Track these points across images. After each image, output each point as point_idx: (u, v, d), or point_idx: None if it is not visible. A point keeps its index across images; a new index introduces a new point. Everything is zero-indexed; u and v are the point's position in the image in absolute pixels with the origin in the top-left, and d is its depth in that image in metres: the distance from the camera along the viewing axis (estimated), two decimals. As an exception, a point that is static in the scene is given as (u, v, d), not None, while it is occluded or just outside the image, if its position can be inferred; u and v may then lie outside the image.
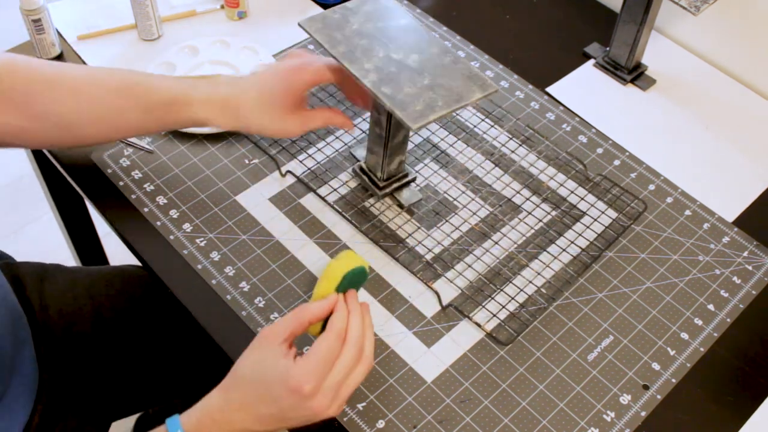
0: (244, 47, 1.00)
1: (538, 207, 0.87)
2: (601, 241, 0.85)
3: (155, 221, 0.83)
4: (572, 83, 1.02)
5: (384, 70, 0.73)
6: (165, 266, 0.80)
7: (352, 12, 0.79)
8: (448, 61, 0.75)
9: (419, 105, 0.71)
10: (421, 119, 0.70)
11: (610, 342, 0.77)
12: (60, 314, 0.88)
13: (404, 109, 0.70)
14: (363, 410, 0.71)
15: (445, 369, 0.75)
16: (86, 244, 1.34)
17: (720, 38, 1.04)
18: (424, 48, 0.76)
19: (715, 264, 0.84)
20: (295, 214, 0.85)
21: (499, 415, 0.72)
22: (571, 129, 0.96)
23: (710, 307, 0.80)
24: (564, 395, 0.73)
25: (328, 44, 0.76)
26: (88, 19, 1.05)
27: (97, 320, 0.89)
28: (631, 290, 0.81)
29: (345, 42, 0.76)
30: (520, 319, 0.78)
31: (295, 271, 0.81)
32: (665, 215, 0.88)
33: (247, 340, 0.75)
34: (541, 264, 0.83)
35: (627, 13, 0.96)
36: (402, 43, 0.76)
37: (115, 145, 0.90)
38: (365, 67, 0.74)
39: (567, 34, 1.09)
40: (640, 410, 0.73)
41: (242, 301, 0.78)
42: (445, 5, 1.11)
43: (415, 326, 0.77)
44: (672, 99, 1.01)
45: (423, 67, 0.74)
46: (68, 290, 0.90)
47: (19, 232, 1.77)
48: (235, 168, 0.89)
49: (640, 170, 0.92)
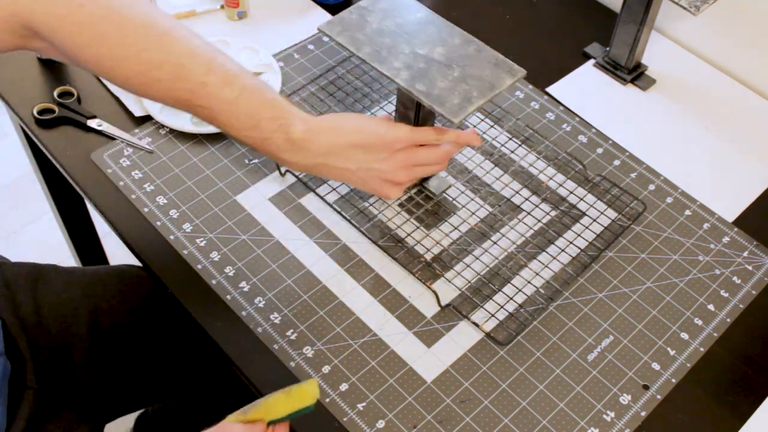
0: (244, 47, 1.00)
1: (538, 207, 0.87)
2: (600, 241, 0.85)
3: (155, 221, 0.83)
4: (572, 83, 1.02)
5: (414, 67, 0.74)
6: (165, 266, 0.80)
7: (368, 11, 0.79)
8: (472, 50, 0.75)
9: (456, 98, 0.72)
10: (461, 112, 0.71)
11: (610, 342, 0.77)
12: (55, 315, 0.87)
13: (442, 104, 0.71)
14: (363, 410, 0.71)
15: (445, 369, 0.75)
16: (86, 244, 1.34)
17: (720, 38, 1.04)
18: (447, 39, 0.76)
19: (715, 264, 0.84)
20: (295, 214, 0.85)
21: (499, 415, 0.72)
22: (571, 129, 0.96)
23: (710, 307, 0.80)
24: (564, 395, 0.73)
25: (354, 47, 0.75)
26: (88, 19, 1.05)
27: (94, 321, 0.89)
28: (631, 290, 0.81)
29: (369, 42, 0.76)
30: (519, 319, 0.78)
31: (295, 271, 0.81)
32: (665, 215, 0.88)
33: (247, 340, 0.75)
34: (541, 264, 0.83)
35: (627, 13, 0.96)
36: (424, 37, 0.76)
37: (115, 145, 0.90)
38: (395, 66, 0.74)
39: (567, 34, 1.09)
40: (640, 410, 0.73)
41: (242, 301, 0.78)
42: (445, 5, 1.11)
43: (414, 326, 0.77)
44: (672, 99, 1.01)
45: (450, 59, 0.75)
46: (63, 291, 0.89)
47: (19, 232, 1.77)
48: (235, 168, 0.89)
49: (640, 170, 0.92)
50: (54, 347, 0.86)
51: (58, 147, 0.90)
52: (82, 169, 0.88)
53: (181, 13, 1.06)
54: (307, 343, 0.75)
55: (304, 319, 0.77)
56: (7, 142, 1.93)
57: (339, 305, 0.78)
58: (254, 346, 0.75)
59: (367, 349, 0.75)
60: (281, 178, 0.89)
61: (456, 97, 0.72)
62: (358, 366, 0.74)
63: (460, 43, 0.76)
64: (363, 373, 0.74)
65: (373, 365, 0.74)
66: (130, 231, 0.83)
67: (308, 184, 0.88)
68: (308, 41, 1.04)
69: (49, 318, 0.87)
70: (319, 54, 1.02)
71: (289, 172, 0.89)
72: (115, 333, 0.90)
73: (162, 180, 0.87)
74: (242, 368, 0.74)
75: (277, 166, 0.89)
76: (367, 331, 0.77)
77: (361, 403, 0.72)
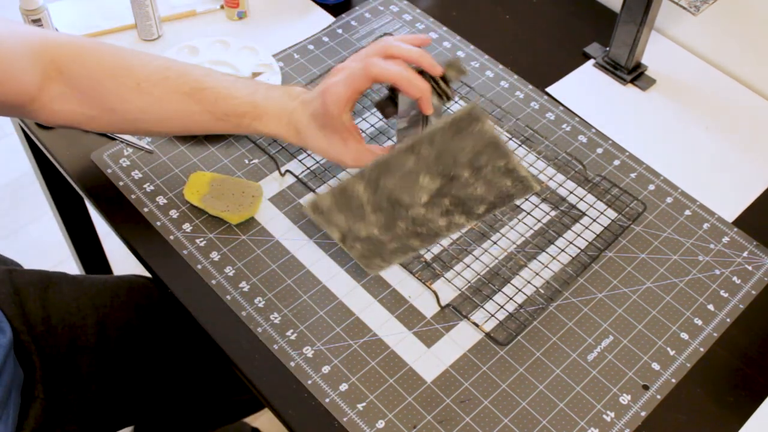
0: (244, 47, 1.00)
1: (537, 207, 0.87)
2: (600, 241, 0.85)
3: (155, 221, 0.83)
4: (572, 83, 1.02)
5: None
6: (165, 266, 0.80)
7: None
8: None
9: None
10: None
11: (610, 342, 0.77)
12: (63, 325, 0.86)
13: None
14: (363, 410, 0.71)
15: (445, 369, 0.75)
16: (86, 244, 1.34)
17: (720, 38, 1.04)
18: None
19: (715, 264, 0.84)
20: (295, 214, 0.85)
21: (499, 415, 0.72)
22: (570, 129, 0.96)
23: (710, 307, 0.80)
24: (564, 395, 0.73)
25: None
26: (88, 19, 1.05)
27: (101, 332, 0.88)
28: (631, 290, 0.81)
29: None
30: (519, 319, 0.78)
31: (295, 271, 0.81)
32: (665, 215, 0.88)
33: (247, 340, 0.75)
34: (540, 264, 0.83)
35: (627, 13, 0.96)
36: None
37: (115, 145, 0.90)
38: None
39: (567, 34, 1.09)
40: (640, 410, 0.73)
41: (242, 301, 0.78)
42: (445, 5, 1.11)
43: (414, 326, 0.77)
44: (672, 99, 1.01)
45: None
46: (72, 301, 0.88)
47: (19, 232, 1.77)
48: (235, 168, 0.89)
49: (639, 170, 0.92)
50: (61, 357, 0.86)
51: (58, 147, 0.90)
52: (82, 169, 0.88)
53: (181, 13, 1.06)
54: (307, 343, 0.75)
55: (304, 319, 0.77)
56: (7, 142, 1.93)
57: (339, 305, 0.78)
58: (254, 346, 0.75)
59: (367, 349, 0.75)
60: (281, 178, 0.89)
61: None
62: (358, 366, 0.74)
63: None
64: (363, 373, 0.74)
65: (373, 365, 0.74)
66: (130, 231, 0.83)
67: (308, 184, 0.88)
68: (308, 41, 1.04)
69: (58, 327, 0.86)
70: (319, 54, 1.02)
71: (288, 172, 0.89)
72: (123, 344, 0.90)
73: (162, 180, 0.87)
74: (242, 368, 0.74)
75: (276, 166, 0.89)
76: (367, 331, 0.77)
77: (361, 403, 0.72)
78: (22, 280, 0.87)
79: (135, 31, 1.03)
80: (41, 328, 0.85)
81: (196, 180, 0.85)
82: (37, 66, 0.72)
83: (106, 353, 0.88)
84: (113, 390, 0.90)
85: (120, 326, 0.90)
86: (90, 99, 0.75)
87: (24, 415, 0.80)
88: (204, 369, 0.98)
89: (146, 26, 1.01)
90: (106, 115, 0.76)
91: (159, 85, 0.75)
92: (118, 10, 1.06)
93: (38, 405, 0.81)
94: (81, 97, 0.74)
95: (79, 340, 0.87)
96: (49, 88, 0.73)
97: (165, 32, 1.04)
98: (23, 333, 0.83)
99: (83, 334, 0.87)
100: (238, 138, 0.92)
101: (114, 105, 0.75)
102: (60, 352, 0.86)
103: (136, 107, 0.75)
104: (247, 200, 0.84)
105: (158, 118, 0.77)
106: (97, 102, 0.75)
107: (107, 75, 0.74)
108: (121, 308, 0.91)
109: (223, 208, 0.83)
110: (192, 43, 1.00)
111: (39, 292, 0.87)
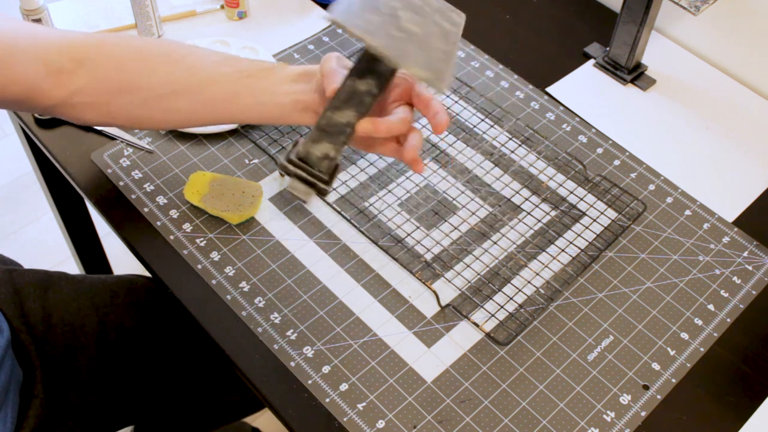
0: (244, 47, 1.00)
1: (538, 207, 0.87)
2: (600, 241, 0.85)
3: (155, 221, 0.84)
4: (572, 83, 1.02)
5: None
6: (165, 266, 0.80)
7: None
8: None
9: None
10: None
11: (610, 342, 0.77)
12: (63, 325, 0.86)
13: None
14: (363, 410, 0.71)
15: (445, 369, 0.75)
16: (86, 244, 1.34)
17: (720, 38, 1.04)
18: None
19: (715, 264, 0.84)
20: (295, 214, 0.85)
21: (499, 415, 0.72)
22: (571, 129, 0.96)
23: (710, 307, 0.80)
24: (564, 395, 0.73)
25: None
26: (88, 19, 1.05)
27: (101, 332, 0.88)
28: (631, 290, 0.81)
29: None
30: (519, 319, 0.78)
31: (295, 271, 0.81)
32: (665, 215, 0.88)
33: (247, 340, 0.75)
34: (541, 264, 0.83)
35: (627, 13, 0.96)
36: None
37: (115, 145, 0.90)
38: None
39: (567, 34, 1.09)
40: (640, 410, 0.73)
41: (242, 301, 0.78)
42: (445, 5, 1.11)
43: (415, 326, 0.77)
44: (672, 99, 1.01)
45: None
46: (72, 300, 0.88)
47: (19, 232, 1.77)
48: (235, 168, 0.89)
49: (640, 170, 0.92)
50: (61, 357, 0.86)
51: (58, 147, 0.90)
52: (82, 169, 0.88)
53: (182, 13, 1.06)
54: (307, 343, 0.75)
55: (304, 319, 0.77)
56: (7, 142, 1.93)
57: (339, 305, 0.78)
58: (254, 346, 0.75)
59: (367, 349, 0.76)
60: (281, 178, 0.89)
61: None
62: (358, 366, 0.74)
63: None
64: (363, 373, 0.74)
65: (373, 365, 0.74)
66: (130, 231, 0.83)
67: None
68: (308, 41, 1.04)
69: (58, 327, 0.86)
70: (319, 54, 1.02)
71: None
72: (122, 344, 0.90)
73: (162, 180, 0.87)
74: (242, 368, 0.74)
75: (277, 166, 0.89)
76: (367, 331, 0.77)
77: (361, 403, 0.72)
78: (22, 280, 0.87)
79: (135, 31, 1.03)
80: (41, 327, 0.85)
81: (196, 180, 0.85)
82: (54, 64, 0.70)
83: (106, 353, 0.88)
84: (113, 390, 0.90)
85: (120, 326, 0.90)
86: (115, 82, 0.72)
87: (24, 414, 0.80)
88: (204, 369, 0.98)
89: (146, 26, 1.01)
90: (133, 95, 0.72)
91: (189, 55, 0.73)
92: (118, 10, 1.06)
93: (38, 405, 0.82)
94: (106, 85, 0.72)
95: (79, 340, 0.87)
96: (69, 82, 0.71)
97: (165, 32, 1.04)
98: (23, 333, 0.83)
99: (83, 334, 0.87)
100: (238, 138, 0.92)
101: (140, 82, 0.72)
102: (60, 351, 0.86)
103: (163, 80, 0.72)
104: (247, 200, 0.84)
105: (187, 87, 0.73)
106: (125, 82, 0.72)
107: (131, 56, 0.72)
108: (121, 308, 0.91)
109: (224, 208, 0.83)
110: (192, 43, 1.00)
111: (39, 292, 0.87)
